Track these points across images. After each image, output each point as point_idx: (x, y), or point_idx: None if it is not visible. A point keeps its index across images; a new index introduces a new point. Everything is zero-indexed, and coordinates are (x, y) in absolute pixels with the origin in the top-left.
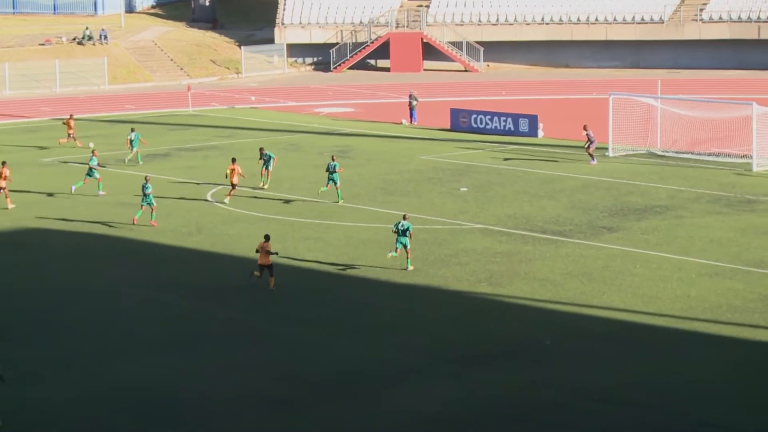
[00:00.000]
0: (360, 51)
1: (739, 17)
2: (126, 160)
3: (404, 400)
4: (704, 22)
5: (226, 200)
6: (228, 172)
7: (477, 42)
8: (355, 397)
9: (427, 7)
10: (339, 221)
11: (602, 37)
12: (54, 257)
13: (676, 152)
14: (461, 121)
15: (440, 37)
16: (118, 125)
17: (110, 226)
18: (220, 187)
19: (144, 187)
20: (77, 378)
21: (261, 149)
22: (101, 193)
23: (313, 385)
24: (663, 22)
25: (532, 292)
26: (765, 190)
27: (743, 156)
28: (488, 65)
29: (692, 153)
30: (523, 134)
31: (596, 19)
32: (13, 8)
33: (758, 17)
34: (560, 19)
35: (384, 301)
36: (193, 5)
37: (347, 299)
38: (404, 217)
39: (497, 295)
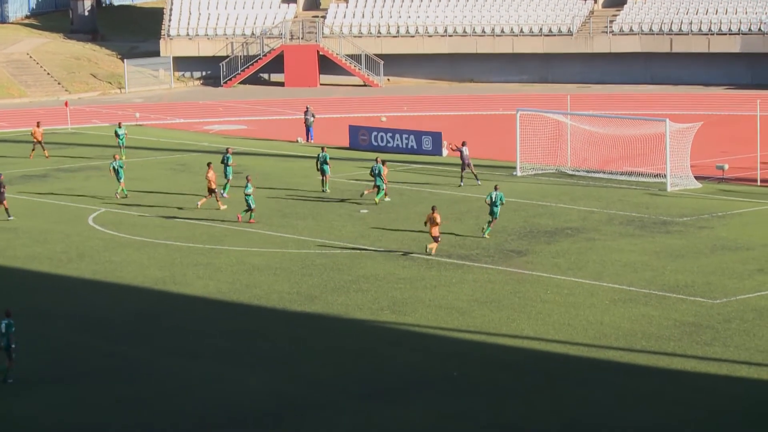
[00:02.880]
0: (252, 65)
1: (651, 29)
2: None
3: None
4: (614, 35)
5: (221, 208)
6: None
7: (376, 55)
8: None
9: (323, 17)
10: (230, 246)
11: (509, 50)
12: None
13: (587, 171)
14: (361, 139)
15: (337, 50)
16: None
17: None
18: (103, 210)
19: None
20: None
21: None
22: None
23: (200, 422)
24: (572, 34)
25: (438, 320)
26: (680, 210)
27: (657, 175)
28: (388, 79)
29: (604, 172)
30: (426, 152)
31: (502, 31)
32: None
33: (670, 29)
34: (464, 31)
35: (280, 331)
36: (71, 15)
37: (239, 329)
38: (495, 188)
39: (401, 323)
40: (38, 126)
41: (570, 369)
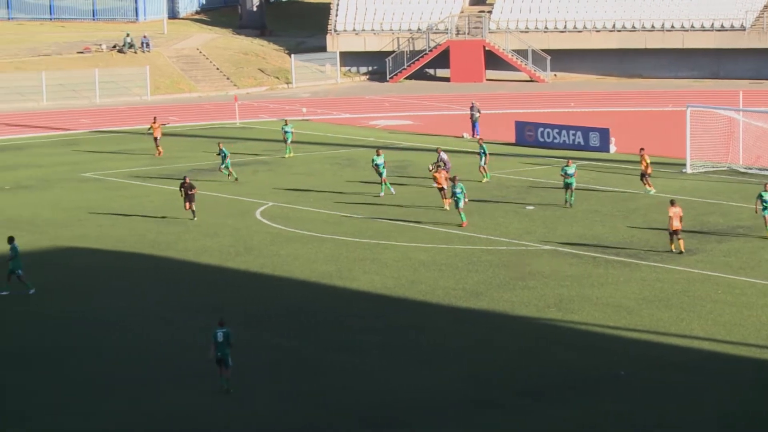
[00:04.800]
0: (418, 60)
1: None
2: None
3: None
4: None
5: (446, 207)
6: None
7: (543, 50)
8: (414, 430)
9: (490, 12)
10: (396, 241)
11: (678, 46)
12: (94, 280)
13: (760, 169)
14: (527, 135)
15: (504, 45)
16: (163, 138)
17: (154, 246)
18: (270, 204)
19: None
20: (118, 408)
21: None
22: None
23: (363, 418)
24: (744, 30)
25: (605, 319)
26: None
27: None
28: (555, 75)
29: None
30: (593, 149)
31: (672, 26)
32: (51, 14)
33: None
34: (633, 26)
35: (444, 327)
36: (240, 11)
37: (404, 324)
38: (568, 162)
39: (567, 321)
40: (155, 122)
41: (740, 370)
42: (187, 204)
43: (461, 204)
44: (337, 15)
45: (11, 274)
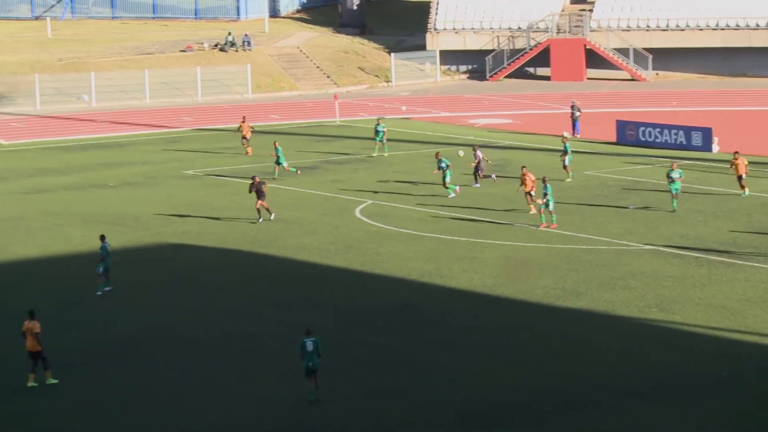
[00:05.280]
0: (518, 58)
1: None
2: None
3: None
4: None
5: (532, 212)
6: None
7: (645, 49)
8: (513, 430)
9: (591, 11)
10: (495, 240)
11: None
12: (195, 275)
13: None
14: (628, 134)
15: (605, 44)
16: (263, 136)
17: (254, 242)
18: (369, 202)
19: (545, 187)
20: (217, 401)
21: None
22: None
23: (460, 415)
24: None
25: (708, 320)
26: None
27: None
28: (657, 74)
29: None
30: (695, 148)
31: None
32: (154, 13)
33: None
34: (737, 25)
35: (544, 326)
36: (340, 10)
37: (503, 323)
38: (673, 166)
39: (669, 322)
40: (244, 121)
41: None
42: (259, 202)
43: (551, 206)
44: (437, 14)
45: (107, 270)
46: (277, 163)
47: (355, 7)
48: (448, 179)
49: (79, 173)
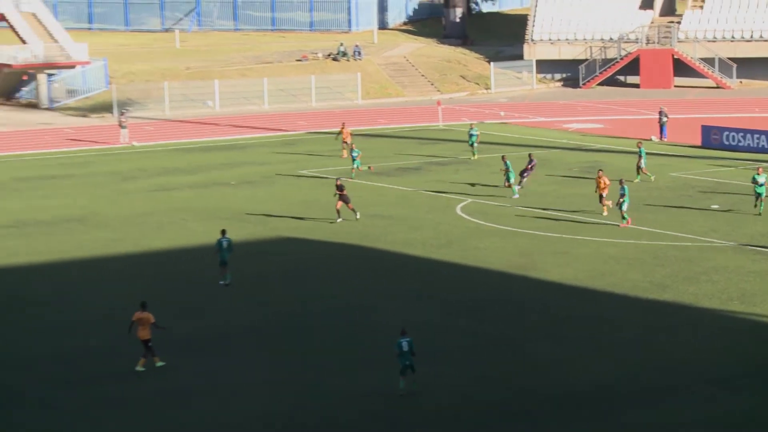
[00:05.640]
0: (609, 67)
1: None
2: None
3: (657, 420)
4: None
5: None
6: None
7: (729, 58)
8: (603, 414)
9: (679, 23)
10: (587, 236)
11: None
12: (307, 267)
13: None
14: (712, 138)
15: (691, 54)
16: (373, 139)
17: (363, 238)
18: (469, 201)
19: (622, 188)
20: (326, 389)
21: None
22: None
23: (556, 400)
24: None
25: None
26: None
27: None
28: (741, 82)
29: None
30: None
31: None
32: (272, 25)
33: None
34: None
35: (633, 317)
36: (444, 22)
37: (593, 314)
38: (758, 171)
39: (750, 313)
40: (344, 127)
41: None
42: (339, 203)
43: (624, 206)
44: (534, 26)
45: (225, 263)
46: (353, 162)
47: (457, 20)
48: (512, 180)
49: (203, 172)
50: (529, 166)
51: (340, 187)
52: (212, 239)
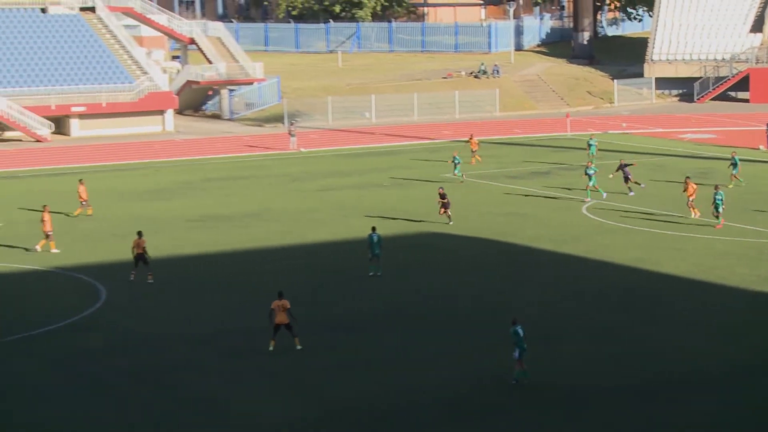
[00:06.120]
0: (721, 84)
1: None
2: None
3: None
4: None
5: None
6: None
7: None
8: (714, 391)
9: None
10: (698, 234)
11: None
12: (450, 258)
13: None
14: None
15: None
16: (508, 147)
17: (500, 233)
18: (593, 201)
19: (717, 193)
20: (433, 373)
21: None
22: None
23: (650, 381)
24: None
25: None
26: None
27: None
28: None
29: None
30: None
31: None
32: (422, 47)
33: None
34: None
35: (739, 307)
36: (573, 44)
37: (705, 303)
38: None
39: None
40: (472, 137)
41: None
42: (442, 210)
43: (720, 209)
44: (653, 47)
45: (375, 256)
46: (455, 169)
47: (585, 42)
48: (594, 183)
49: (361, 175)
50: (626, 170)
51: (442, 195)
52: (367, 234)
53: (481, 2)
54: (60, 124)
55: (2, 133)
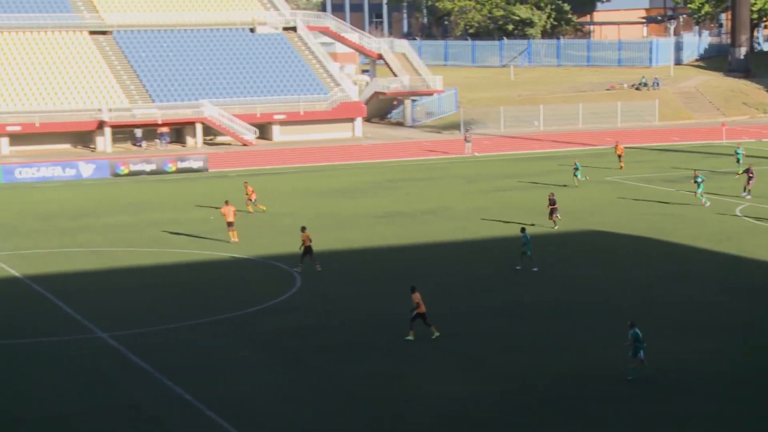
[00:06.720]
0: None
1: None
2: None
3: None
4: None
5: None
6: None
7: None
8: None
9: None
10: None
11: None
12: (609, 254)
13: None
14: None
15: None
16: (666, 153)
17: (657, 232)
18: (747, 204)
19: None
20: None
21: (695, 171)
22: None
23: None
24: None
25: None
26: None
27: None
28: None
29: None
30: None
31: None
32: (588, 62)
33: None
34: None
35: None
36: (730, 58)
37: None
38: None
39: None
40: (617, 144)
41: None
42: (553, 216)
43: None
44: None
45: (524, 254)
46: (575, 175)
47: (741, 57)
48: (701, 190)
49: (528, 177)
50: (749, 175)
51: (552, 201)
52: (533, 231)
53: (644, 21)
54: (263, 130)
55: (214, 138)
